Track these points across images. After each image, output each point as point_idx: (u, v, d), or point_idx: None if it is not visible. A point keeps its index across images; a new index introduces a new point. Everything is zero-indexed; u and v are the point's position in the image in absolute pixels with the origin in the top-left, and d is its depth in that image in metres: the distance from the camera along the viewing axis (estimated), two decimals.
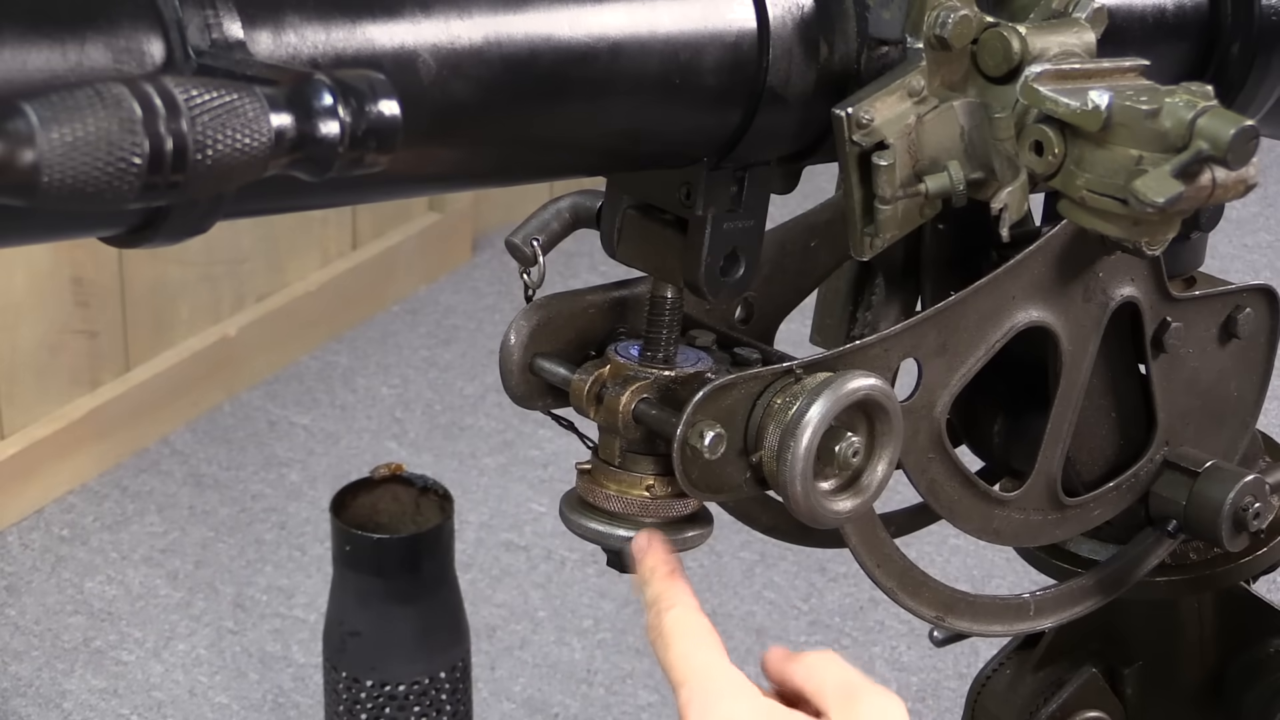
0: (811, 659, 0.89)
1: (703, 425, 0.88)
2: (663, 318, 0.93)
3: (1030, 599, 1.08)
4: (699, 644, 0.87)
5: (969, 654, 2.19)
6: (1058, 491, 1.05)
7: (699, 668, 0.86)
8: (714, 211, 0.89)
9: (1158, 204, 0.82)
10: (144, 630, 2.34)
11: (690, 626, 0.88)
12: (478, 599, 2.36)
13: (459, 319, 3.04)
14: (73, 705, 2.22)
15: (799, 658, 0.90)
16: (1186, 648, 1.22)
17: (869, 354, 0.93)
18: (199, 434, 2.72)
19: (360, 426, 2.75)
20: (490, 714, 2.21)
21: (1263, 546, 1.16)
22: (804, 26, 0.87)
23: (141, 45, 0.68)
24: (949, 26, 0.88)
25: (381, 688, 1.76)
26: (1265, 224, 3.39)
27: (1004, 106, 0.88)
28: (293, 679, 2.26)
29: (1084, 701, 1.18)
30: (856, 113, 0.87)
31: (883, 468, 0.92)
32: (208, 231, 0.72)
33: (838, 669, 0.89)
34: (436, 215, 3.16)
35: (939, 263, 1.05)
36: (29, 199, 0.59)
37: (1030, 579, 1.17)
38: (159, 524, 2.54)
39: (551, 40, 0.79)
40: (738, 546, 2.46)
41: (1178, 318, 1.07)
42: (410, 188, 0.88)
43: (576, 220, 0.97)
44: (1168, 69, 1.03)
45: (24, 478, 2.52)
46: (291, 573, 2.44)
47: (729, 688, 0.86)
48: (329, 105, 0.63)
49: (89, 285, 2.57)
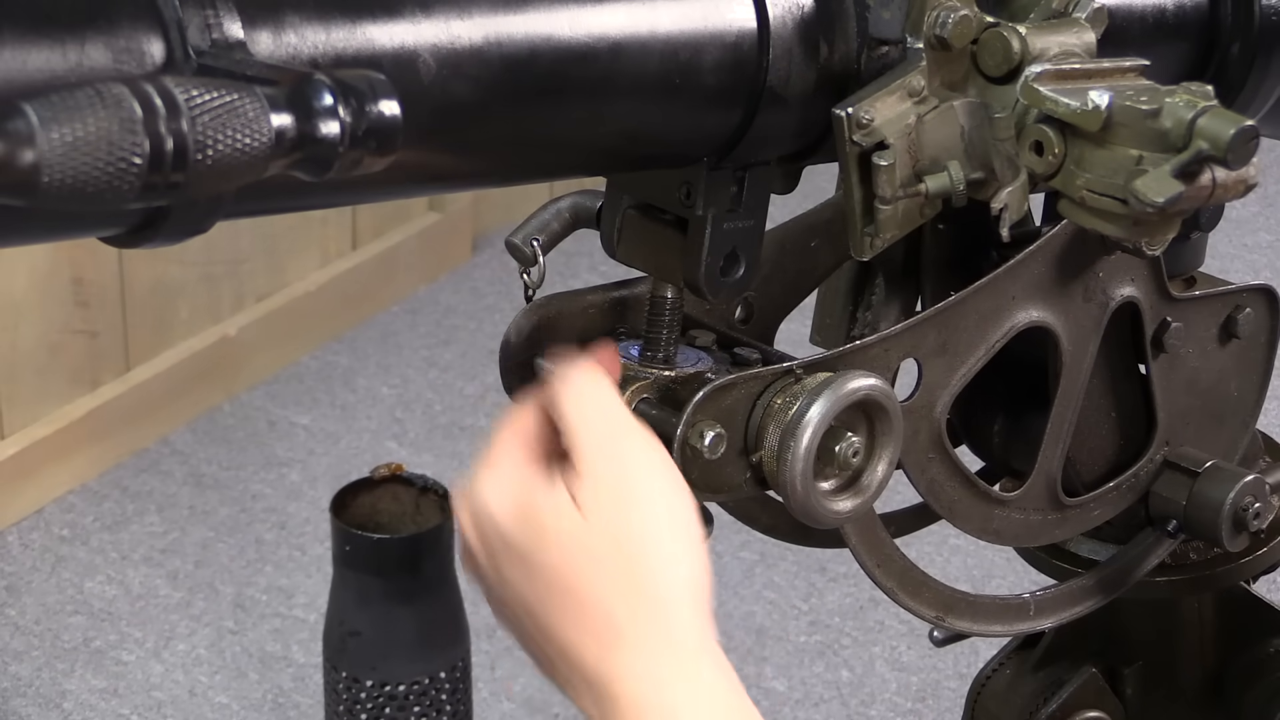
0: (570, 397, 0.85)
1: (703, 425, 0.88)
2: (663, 318, 0.93)
3: (1030, 599, 1.08)
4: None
5: (969, 654, 2.19)
6: (1058, 491, 1.05)
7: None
8: (714, 211, 0.89)
9: (1158, 204, 0.82)
10: (144, 630, 2.34)
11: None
12: (478, 599, 2.35)
13: (459, 319, 3.04)
14: (73, 705, 2.22)
15: (565, 386, 0.85)
16: (1186, 648, 1.22)
17: (869, 354, 0.93)
18: (199, 434, 2.72)
19: (360, 426, 2.75)
20: (490, 714, 2.21)
21: (1263, 546, 1.16)
22: (804, 26, 0.87)
23: (141, 45, 0.68)
24: (949, 26, 0.88)
25: (381, 688, 1.76)
26: (1265, 224, 3.39)
27: (1004, 106, 0.88)
28: (293, 679, 2.26)
29: (1084, 701, 1.18)
30: (857, 113, 0.87)
31: (883, 468, 0.92)
32: (208, 231, 0.72)
33: (597, 409, 0.84)
34: (436, 215, 3.16)
35: (939, 263, 1.05)
36: (29, 199, 0.59)
37: (1030, 579, 1.17)
38: (159, 524, 2.54)
39: (551, 40, 0.79)
40: (738, 546, 2.46)
41: (1178, 318, 1.07)
42: (410, 188, 0.88)
43: (576, 220, 0.97)
44: (1168, 69, 1.03)
45: (24, 478, 2.52)
46: (291, 573, 2.44)
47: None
48: (329, 105, 0.63)
49: (89, 285, 2.57)
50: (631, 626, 0.81)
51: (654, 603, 0.82)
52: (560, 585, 0.82)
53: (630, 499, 0.82)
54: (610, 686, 0.81)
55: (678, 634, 0.82)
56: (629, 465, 0.83)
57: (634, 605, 0.81)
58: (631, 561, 0.82)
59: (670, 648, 0.81)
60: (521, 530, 0.83)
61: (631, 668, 0.81)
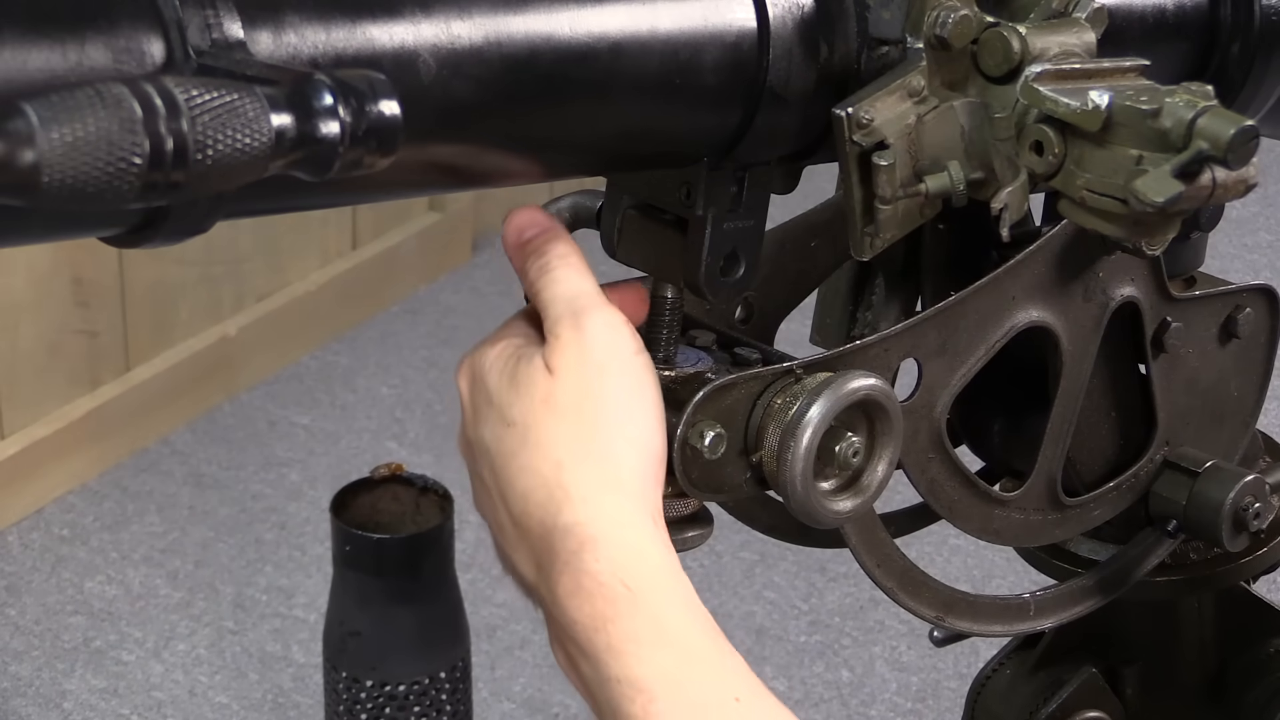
0: (544, 278, 0.89)
1: (703, 425, 0.88)
2: (663, 318, 0.93)
3: (1030, 599, 1.08)
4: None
5: (969, 654, 2.19)
6: (1058, 491, 1.05)
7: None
8: (714, 211, 0.89)
9: (1158, 204, 0.82)
10: (144, 630, 2.34)
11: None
12: (478, 599, 2.36)
13: (459, 319, 3.04)
14: (73, 705, 2.22)
15: (540, 268, 0.90)
16: (1186, 648, 1.22)
17: (869, 354, 0.93)
18: (199, 434, 2.72)
19: (360, 426, 2.75)
20: (490, 714, 2.21)
21: (1263, 546, 1.16)
22: (804, 26, 0.87)
23: (141, 45, 0.68)
24: (949, 26, 0.88)
25: (381, 688, 1.76)
26: (1265, 224, 3.39)
27: (1004, 106, 0.88)
28: (293, 679, 2.26)
29: (1084, 701, 1.18)
30: (857, 113, 0.87)
31: (883, 468, 0.92)
32: (208, 231, 0.72)
33: (569, 282, 0.89)
34: (436, 215, 3.16)
35: (939, 263, 1.05)
36: (29, 199, 0.59)
37: (1030, 579, 1.17)
38: (159, 524, 2.54)
39: (551, 40, 0.79)
40: (738, 546, 2.46)
41: (1178, 318, 1.07)
42: (410, 188, 0.88)
43: (576, 220, 0.97)
44: (1168, 69, 1.03)
45: (24, 478, 2.52)
46: (291, 573, 2.44)
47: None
48: (329, 105, 0.63)
49: (89, 285, 2.57)
50: (577, 467, 0.85)
51: (602, 452, 0.85)
52: (522, 436, 0.86)
53: (590, 362, 0.86)
54: (549, 536, 0.85)
55: (621, 480, 0.85)
56: (593, 334, 0.87)
57: (583, 452, 0.85)
58: (584, 413, 0.85)
59: (613, 491, 0.85)
60: (502, 388, 0.88)
61: (573, 501, 0.85)
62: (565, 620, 0.84)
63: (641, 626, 0.82)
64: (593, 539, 0.83)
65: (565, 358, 0.86)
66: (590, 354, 0.86)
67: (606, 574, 0.83)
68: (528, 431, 0.86)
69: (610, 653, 0.82)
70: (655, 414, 0.86)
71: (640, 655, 0.82)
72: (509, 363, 0.88)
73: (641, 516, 0.85)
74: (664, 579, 0.84)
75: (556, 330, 0.87)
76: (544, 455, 0.85)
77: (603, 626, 0.82)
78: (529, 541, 0.86)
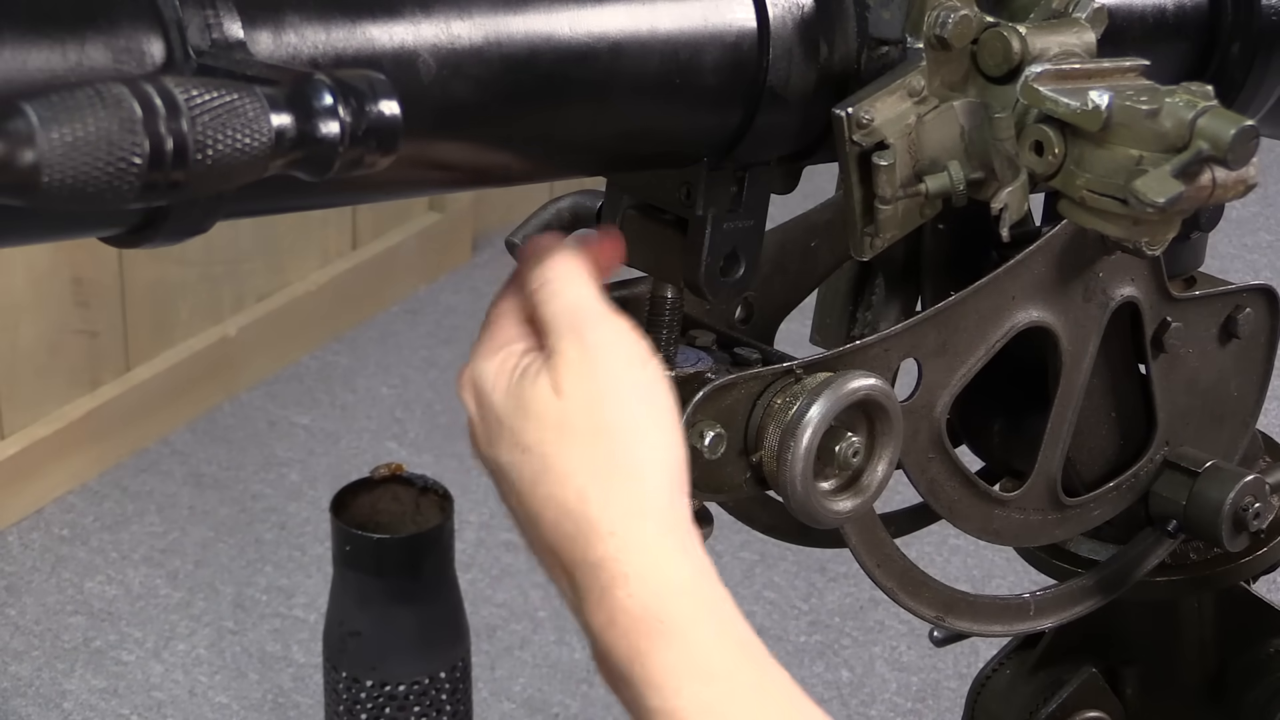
0: (543, 289, 0.87)
1: (703, 425, 0.88)
2: (663, 318, 0.93)
3: (1030, 599, 1.08)
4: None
5: (969, 654, 2.19)
6: (1058, 491, 1.05)
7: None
8: (714, 211, 0.89)
9: (1158, 204, 0.82)
10: (144, 630, 2.34)
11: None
12: (478, 599, 2.35)
13: (459, 319, 3.04)
14: (73, 705, 2.22)
15: (538, 277, 0.88)
16: (1186, 648, 1.22)
17: (869, 354, 0.93)
18: (199, 434, 2.72)
19: (360, 426, 2.75)
20: (490, 714, 2.21)
21: (1263, 546, 1.16)
22: (804, 26, 0.87)
23: (141, 45, 0.68)
24: (949, 26, 0.88)
25: (381, 688, 1.76)
26: (1265, 224, 3.39)
27: (1004, 106, 0.88)
28: (293, 679, 2.26)
29: (1084, 701, 1.18)
30: (857, 113, 0.87)
31: (883, 468, 0.92)
32: (208, 231, 0.72)
33: (570, 294, 0.87)
34: (436, 215, 3.16)
35: (939, 263, 1.05)
36: (29, 199, 0.59)
37: (1030, 579, 1.17)
38: (159, 524, 2.54)
39: (551, 40, 0.79)
40: (738, 546, 2.46)
41: (1178, 318, 1.07)
42: (410, 188, 0.88)
43: (576, 220, 0.97)
44: (1168, 69, 1.03)
45: (24, 478, 2.52)
46: (291, 573, 2.44)
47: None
48: (329, 105, 0.63)
49: (89, 285, 2.57)
50: (601, 497, 0.83)
51: (625, 474, 0.83)
52: (541, 465, 0.84)
53: (599, 379, 0.84)
54: (580, 569, 0.83)
55: (647, 503, 0.83)
56: (599, 349, 0.84)
57: (605, 478, 0.83)
58: (600, 435, 0.83)
59: (639, 517, 0.83)
60: (510, 410, 0.86)
61: (601, 535, 0.83)
62: (603, 648, 0.83)
63: (677, 659, 0.81)
64: (624, 575, 0.82)
65: (571, 377, 0.84)
66: (596, 371, 0.84)
67: (639, 609, 0.81)
68: (545, 460, 0.84)
69: (648, 685, 0.81)
70: (671, 421, 0.84)
71: (679, 689, 0.81)
72: (512, 379, 0.86)
73: (671, 540, 0.83)
74: (698, 607, 0.82)
75: (559, 346, 0.85)
76: (566, 486, 0.83)
77: (638, 659, 0.81)
78: (562, 566, 0.85)
